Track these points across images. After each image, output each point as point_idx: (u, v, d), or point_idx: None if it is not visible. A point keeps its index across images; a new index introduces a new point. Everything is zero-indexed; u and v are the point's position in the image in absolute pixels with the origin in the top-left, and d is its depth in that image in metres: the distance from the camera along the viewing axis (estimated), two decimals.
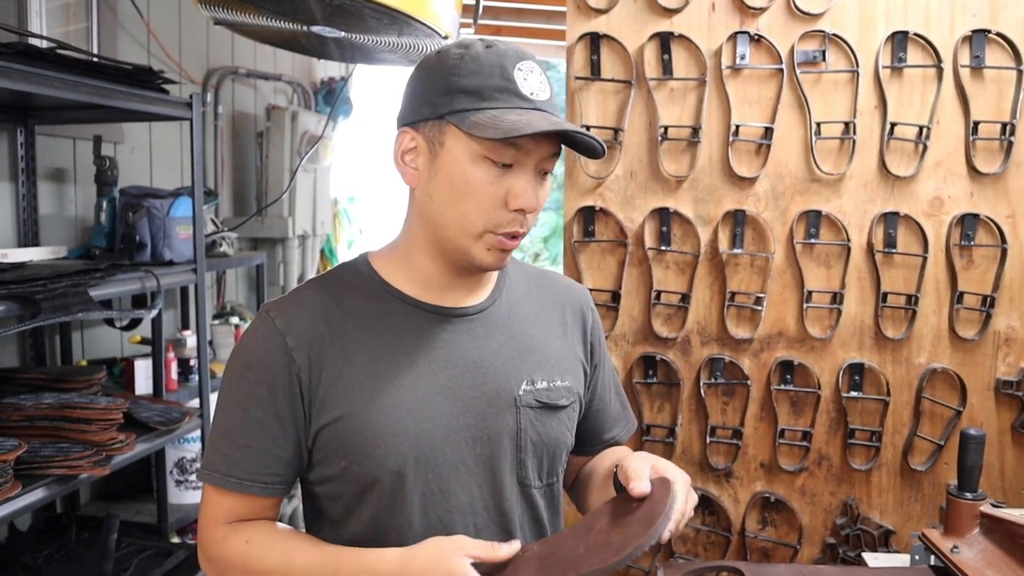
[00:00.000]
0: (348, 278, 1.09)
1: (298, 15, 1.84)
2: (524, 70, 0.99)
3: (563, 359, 1.15)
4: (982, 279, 1.86)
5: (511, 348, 1.09)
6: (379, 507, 1.03)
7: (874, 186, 1.87)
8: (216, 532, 1.05)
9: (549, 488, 1.13)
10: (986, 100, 1.83)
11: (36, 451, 1.70)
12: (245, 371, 1.04)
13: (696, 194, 1.89)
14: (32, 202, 2.27)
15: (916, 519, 1.91)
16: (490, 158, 0.98)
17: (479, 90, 0.97)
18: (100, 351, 2.59)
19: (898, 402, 1.89)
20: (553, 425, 1.10)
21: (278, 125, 3.43)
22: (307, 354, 1.02)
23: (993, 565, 1.25)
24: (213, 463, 1.04)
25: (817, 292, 1.88)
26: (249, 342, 1.05)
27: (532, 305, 1.16)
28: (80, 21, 2.50)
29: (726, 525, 1.95)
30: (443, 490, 1.03)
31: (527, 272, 1.21)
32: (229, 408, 1.04)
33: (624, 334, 1.92)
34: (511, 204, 0.99)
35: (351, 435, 1.00)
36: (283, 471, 1.04)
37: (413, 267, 1.07)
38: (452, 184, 0.99)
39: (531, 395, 1.08)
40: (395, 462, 1.00)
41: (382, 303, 1.06)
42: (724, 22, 1.87)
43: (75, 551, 2.10)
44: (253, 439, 1.02)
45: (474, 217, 0.99)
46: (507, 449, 1.07)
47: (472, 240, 1.01)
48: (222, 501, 1.05)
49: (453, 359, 1.05)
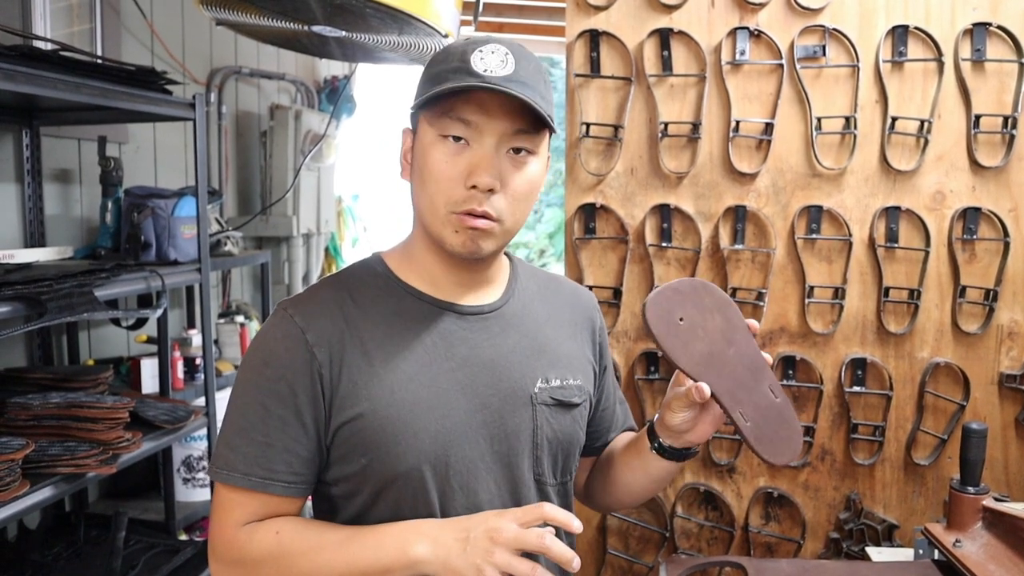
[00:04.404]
0: (364, 276, 1.10)
1: (299, 15, 1.85)
2: (485, 51, 0.98)
3: (574, 359, 1.16)
4: (985, 273, 1.86)
5: (525, 347, 1.10)
6: (399, 505, 1.02)
7: (875, 181, 1.87)
8: (236, 534, 1.01)
9: (563, 486, 1.14)
10: (987, 93, 1.83)
11: (44, 450, 1.71)
12: (264, 368, 1.02)
13: (697, 190, 1.89)
14: (38, 203, 2.29)
15: (920, 513, 1.91)
16: (442, 135, 0.99)
17: (437, 75, 1.00)
18: (107, 350, 2.61)
19: (901, 397, 1.89)
20: (567, 423, 1.12)
21: (282, 124, 3.44)
22: (327, 351, 1.01)
23: (996, 559, 1.26)
24: (231, 462, 1.00)
25: (819, 287, 1.88)
26: (268, 339, 1.03)
27: (543, 306, 1.17)
28: (84, 23, 2.51)
29: (729, 520, 1.95)
30: (462, 487, 1.03)
31: (536, 275, 1.22)
32: (247, 406, 1.02)
33: (626, 331, 1.93)
34: (466, 181, 0.99)
35: (372, 432, 1.00)
36: (304, 470, 1.02)
37: (420, 264, 1.09)
38: (419, 169, 1.02)
39: (546, 392, 1.09)
40: (415, 459, 1.00)
41: (399, 300, 1.07)
42: (724, 18, 1.87)
43: (83, 549, 2.12)
44: (274, 437, 1.00)
45: (436, 198, 1.00)
46: (524, 446, 1.08)
47: (441, 224, 1.01)
48: (241, 502, 1.01)
49: (470, 357, 1.06)
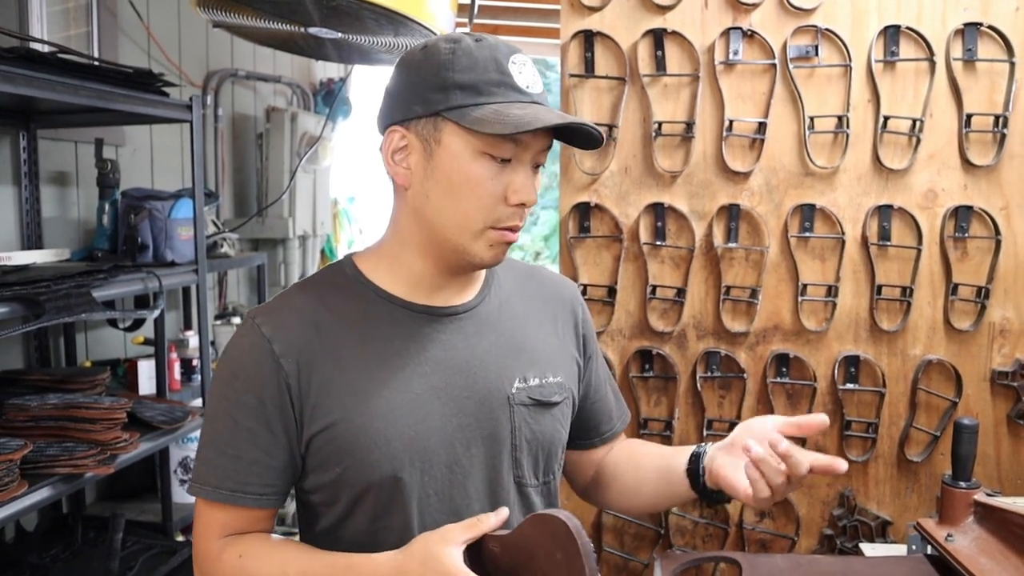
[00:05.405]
0: (334, 280, 1.07)
1: (295, 17, 1.86)
2: (518, 63, 0.98)
3: (555, 355, 1.14)
4: (977, 271, 1.87)
5: (502, 346, 1.09)
6: (376, 512, 1.02)
7: (868, 179, 1.88)
8: (211, 547, 1.03)
9: (546, 486, 1.12)
10: (979, 93, 1.84)
11: (41, 451, 1.72)
12: (232, 380, 1.02)
13: (690, 189, 1.91)
14: (35, 205, 2.30)
15: (913, 510, 1.92)
16: (490, 154, 0.96)
17: (475, 85, 0.96)
18: (104, 352, 2.62)
19: (894, 394, 1.90)
20: (547, 422, 1.10)
21: (278, 126, 3.45)
22: (296, 360, 1.00)
23: (987, 552, 1.27)
24: (203, 476, 1.03)
25: (812, 285, 1.89)
26: (235, 351, 1.03)
27: (521, 302, 1.15)
28: (80, 25, 2.52)
29: (724, 517, 1.96)
30: (439, 492, 1.02)
31: (515, 268, 1.20)
32: (217, 419, 1.03)
33: (620, 329, 1.94)
34: (511, 199, 0.98)
35: (345, 441, 0.99)
36: (276, 481, 1.02)
37: (402, 267, 1.06)
38: (451, 182, 0.98)
39: (524, 393, 1.08)
40: (391, 466, 0.99)
41: (370, 305, 1.05)
42: (717, 18, 1.88)
43: (81, 550, 2.13)
44: (243, 449, 1.00)
45: (474, 214, 0.98)
46: (502, 448, 1.06)
47: (472, 238, 1.00)
48: (215, 515, 1.03)
49: (444, 360, 1.04)
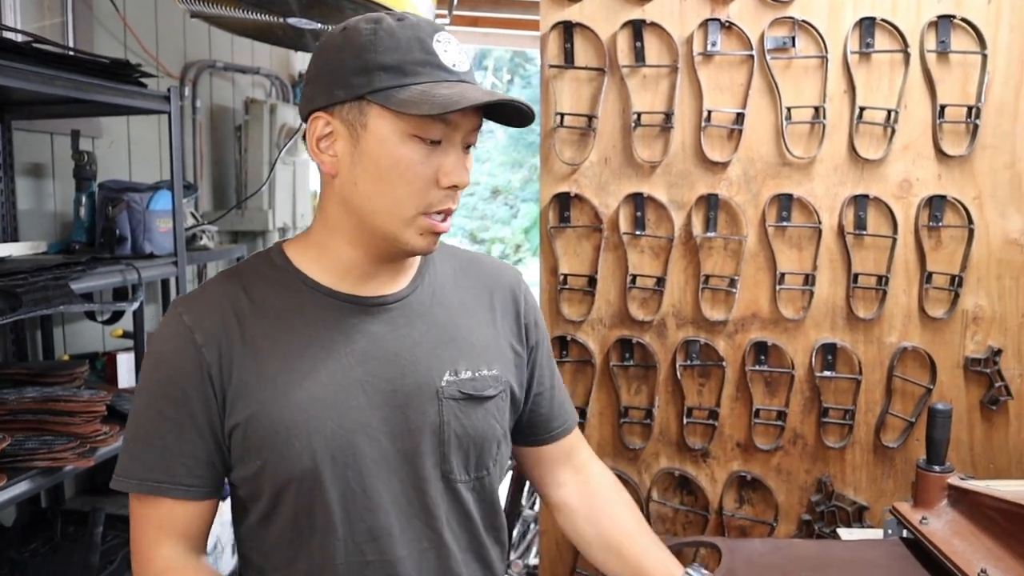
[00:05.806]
0: (261, 269, 1.04)
1: (274, 7, 1.86)
2: (443, 41, 0.95)
3: (491, 347, 1.10)
4: (950, 259, 1.90)
5: (433, 337, 1.05)
6: (299, 506, 0.99)
7: (844, 169, 1.90)
8: (149, 551, 0.99)
9: (479, 482, 1.09)
10: (952, 84, 1.87)
11: (20, 444, 1.71)
12: (155, 371, 0.99)
13: (669, 179, 1.92)
14: (10, 197, 2.27)
15: (889, 495, 1.95)
16: (419, 136, 0.93)
17: (400, 65, 0.92)
18: (82, 346, 2.59)
19: (870, 381, 1.93)
20: (479, 416, 1.06)
21: (256, 118, 3.43)
22: (217, 350, 0.97)
23: (960, 534, 1.29)
24: (128, 469, 0.99)
25: (789, 274, 1.91)
26: (159, 341, 1.00)
27: (457, 291, 1.11)
28: (55, 16, 2.49)
29: (704, 504, 1.98)
30: (364, 487, 1.00)
31: (454, 256, 1.16)
32: (142, 410, 1.00)
33: (601, 318, 1.95)
34: (443, 182, 0.95)
35: (263, 434, 0.97)
36: (203, 472, 0.99)
37: (330, 256, 1.02)
38: (379, 167, 0.94)
39: (454, 386, 1.04)
40: (310, 460, 0.97)
41: (296, 295, 1.02)
42: (695, 9, 1.89)
43: (60, 545, 2.11)
44: (170, 440, 0.97)
45: (405, 200, 0.95)
46: (429, 443, 1.03)
47: (403, 224, 0.96)
48: (148, 513, 0.99)
49: (371, 351, 1.01)
